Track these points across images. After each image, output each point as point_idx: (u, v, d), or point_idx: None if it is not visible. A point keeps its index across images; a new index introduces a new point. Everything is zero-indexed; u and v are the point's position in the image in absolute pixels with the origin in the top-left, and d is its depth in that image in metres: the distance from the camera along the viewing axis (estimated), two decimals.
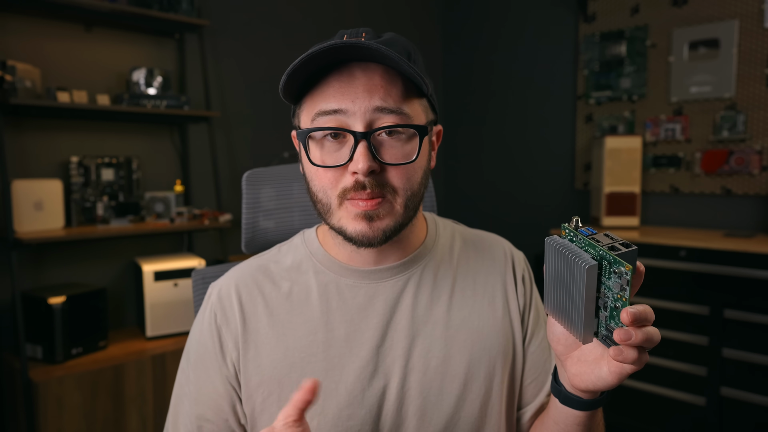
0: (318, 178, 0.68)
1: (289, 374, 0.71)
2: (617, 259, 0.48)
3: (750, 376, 2.04)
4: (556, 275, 0.55)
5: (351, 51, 0.62)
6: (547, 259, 0.56)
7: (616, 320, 0.50)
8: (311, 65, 0.64)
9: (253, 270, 0.78)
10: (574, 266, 0.51)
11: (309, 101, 0.68)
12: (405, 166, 0.66)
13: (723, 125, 2.51)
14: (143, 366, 2.01)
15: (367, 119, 0.64)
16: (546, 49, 3.15)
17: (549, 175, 3.18)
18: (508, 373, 0.76)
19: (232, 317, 0.74)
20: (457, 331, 0.74)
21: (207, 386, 0.73)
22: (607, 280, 0.50)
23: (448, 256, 0.79)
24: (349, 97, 0.64)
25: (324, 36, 2.99)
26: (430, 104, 0.72)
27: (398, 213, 0.67)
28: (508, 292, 0.79)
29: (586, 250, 0.52)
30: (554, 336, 0.59)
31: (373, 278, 0.74)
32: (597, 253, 0.51)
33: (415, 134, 0.66)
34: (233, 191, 2.70)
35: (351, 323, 0.72)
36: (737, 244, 2.09)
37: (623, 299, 0.49)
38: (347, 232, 0.67)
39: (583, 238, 0.52)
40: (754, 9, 2.41)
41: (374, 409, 0.70)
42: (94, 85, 2.25)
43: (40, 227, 2.02)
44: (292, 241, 0.82)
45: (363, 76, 0.65)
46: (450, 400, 0.72)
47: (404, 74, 0.65)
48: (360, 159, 0.63)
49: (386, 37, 0.68)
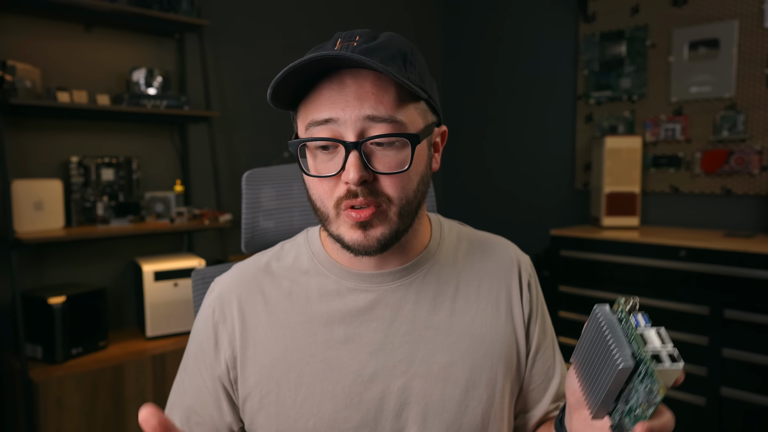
0: (314, 188, 0.68)
1: (287, 374, 0.71)
2: (654, 377, 0.45)
3: (750, 376, 2.04)
4: (591, 347, 0.52)
5: (336, 60, 0.61)
6: (589, 325, 0.53)
7: (632, 420, 0.48)
8: (298, 77, 0.63)
9: (255, 268, 0.78)
10: (609, 355, 0.48)
11: (303, 109, 0.68)
12: (398, 175, 0.65)
13: (723, 125, 2.52)
14: (143, 366, 2.01)
15: (358, 128, 0.63)
16: (546, 49, 3.15)
17: (549, 174, 3.18)
18: (510, 380, 0.76)
19: (229, 315, 0.74)
20: (460, 337, 0.73)
21: (197, 380, 0.75)
22: (638, 383, 0.47)
23: (452, 259, 0.78)
24: (340, 105, 0.63)
25: (323, 37, 2.99)
26: (429, 106, 0.70)
27: (393, 221, 0.66)
28: (512, 298, 0.78)
29: (629, 341, 0.49)
30: (570, 388, 0.58)
31: (374, 282, 0.73)
32: (638, 354, 0.47)
33: (408, 142, 0.65)
34: (233, 191, 2.70)
35: (351, 326, 0.72)
36: (737, 244, 2.09)
37: (645, 414, 0.47)
38: (344, 240, 0.67)
39: (632, 327, 0.49)
40: (754, 9, 2.41)
41: (372, 413, 0.70)
42: (94, 85, 2.25)
43: (40, 227, 2.02)
44: (296, 239, 0.81)
45: (353, 84, 0.63)
46: (452, 407, 0.71)
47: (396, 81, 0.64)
48: (351, 169, 0.62)
49: (381, 39, 0.66)
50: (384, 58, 0.63)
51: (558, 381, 0.81)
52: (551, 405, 0.80)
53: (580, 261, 2.50)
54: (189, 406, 0.75)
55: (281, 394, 0.70)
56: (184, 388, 0.76)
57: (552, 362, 0.81)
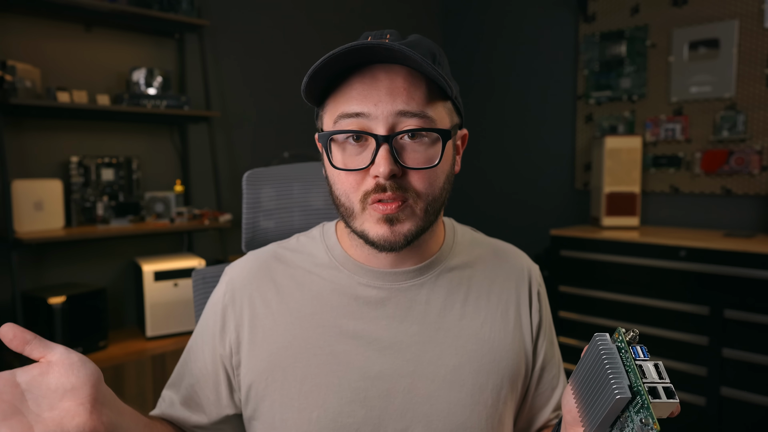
0: (340, 182, 0.67)
1: (294, 363, 0.71)
2: (650, 410, 0.47)
3: (750, 376, 2.04)
4: (590, 373, 0.53)
5: (374, 52, 0.62)
6: (589, 351, 0.54)
7: None
8: (334, 66, 0.63)
9: (269, 256, 0.79)
10: (607, 383, 0.49)
11: (332, 103, 0.68)
12: (427, 171, 0.65)
13: (723, 125, 2.52)
14: (143, 366, 2.01)
15: (389, 123, 0.63)
16: (546, 49, 3.15)
17: (549, 175, 3.18)
18: (514, 387, 0.76)
19: (239, 300, 0.75)
20: (468, 341, 0.73)
21: (199, 361, 0.76)
22: (634, 414, 0.48)
23: (465, 264, 0.78)
24: (372, 100, 0.63)
25: (323, 37, 3.00)
26: (455, 107, 0.71)
27: (419, 217, 0.67)
28: (521, 306, 0.78)
29: (628, 372, 0.50)
30: (567, 406, 0.58)
31: (387, 280, 0.73)
32: (635, 386, 0.48)
33: (438, 138, 0.65)
34: (233, 191, 2.70)
35: (361, 321, 0.72)
36: (737, 244, 2.09)
37: None
38: (369, 236, 0.67)
39: (631, 358, 0.50)
40: (754, 9, 2.41)
41: (376, 411, 0.70)
42: (94, 85, 2.25)
43: (40, 227, 2.02)
44: (311, 233, 0.82)
45: (386, 79, 0.64)
46: (457, 410, 0.71)
47: (428, 76, 0.64)
48: (381, 162, 0.62)
49: (411, 39, 0.67)
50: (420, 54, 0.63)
51: (561, 391, 0.81)
52: (552, 414, 0.81)
53: (580, 261, 2.50)
54: (189, 385, 0.77)
55: (287, 383, 0.71)
56: (187, 369, 0.78)
57: (557, 372, 0.81)
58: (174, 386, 0.79)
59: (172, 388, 0.79)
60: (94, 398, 0.54)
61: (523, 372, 0.77)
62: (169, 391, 0.79)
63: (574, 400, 0.56)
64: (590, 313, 2.47)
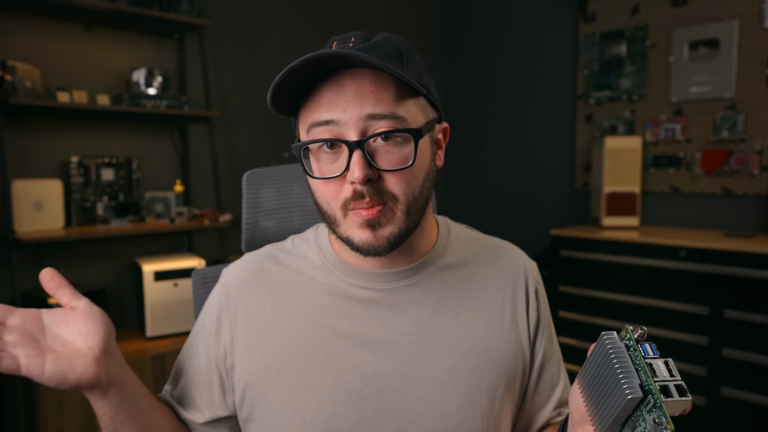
0: (320, 191, 0.68)
1: (288, 364, 0.71)
2: (663, 409, 0.46)
3: (750, 376, 2.04)
4: (598, 371, 0.52)
5: (336, 59, 0.61)
6: (597, 349, 0.53)
7: None
8: (295, 79, 0.63)
9: (264, 258, 0.79)
10: (617, 383, 0.48)
11: (303, 113, 0.68)
12: (404, 171, 0.65)
13: (723, 125, 2.52)
14: (143, 366, 2.01)
15: (360, 127, 0.63)
16: (546, 49, 3.15)
17: (549, 174, 3.18)
18: (511, 387, 0.75)
19: (234, 302, 0.76)
20: (463, 341, 0.73)
21: (194, 359, 0.78)
22: (646, 413, 0.47)
23: (459, 262, 0.78)
24: (340, 106, 0.63)
25: (324, 37, 2.99)
26: (429, 102, 0.70)
27: (401, 219, 0.66)
28: (517, 305, 0.78)
29: (638, 370, 0.49)
30: (575, 404, 0.57)
31: (379, 281, 0.73)
32: (646, 384, 0.47)
33: (410, 138, 0.65)
34: (233, 191, 2.70)
35: (354, 322, 0.72)
36: (737, 244, 2.09)
37: None
38: (354, 241, 0.67)
39: (641, 356, 0.49)
40: (754, 9, 2.41)
41: (370, 411, 0.69)
42: (94, 85, 2.25)
43: (40, 227, 2.02)
44: (305, 234, 0.82)
45: (352, 83, 0.63)
46: (451, 410, 0.70)
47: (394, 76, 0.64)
48: (355, 168, 0.62)
49: (376, 39, 0.67)
50: (381, 56, 0.63)
51: (561, 389, 0.81)
52: (553, 412, 0.80)
53: (580, 261, 2.50)
54: (184, 384, 0.78)
55: (281, 384, 0.71)
56: (183, 368, 0.79)
57: (557, 370, 0.81)
58: (171, 384, 0.80)
59: (170, 385, 0.80)
60: (104, 347, 0.62)
61: (521, 371, 0.76)
62: (168, 386, 0.81)
63: (583, 399, 0.55)
64: (590, 313, 2.47)
